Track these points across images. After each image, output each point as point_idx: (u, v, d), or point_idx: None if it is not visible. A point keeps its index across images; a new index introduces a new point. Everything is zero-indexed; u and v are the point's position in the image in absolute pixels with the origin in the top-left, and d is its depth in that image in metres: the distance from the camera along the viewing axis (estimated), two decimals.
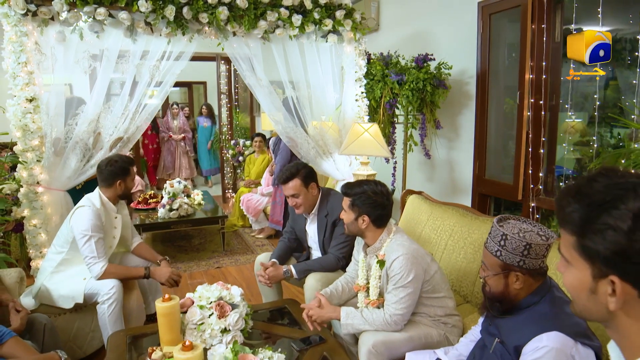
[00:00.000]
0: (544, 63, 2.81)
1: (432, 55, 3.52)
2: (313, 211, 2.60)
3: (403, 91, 3.48)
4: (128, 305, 2.55)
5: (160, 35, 2.97)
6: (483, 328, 1.55)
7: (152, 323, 2.20)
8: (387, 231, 2.01)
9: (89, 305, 2.43)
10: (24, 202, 2.81)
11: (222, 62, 6.54)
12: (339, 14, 3.36)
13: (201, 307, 1.92)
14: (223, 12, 2.95)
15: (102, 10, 2.71)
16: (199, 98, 10.48)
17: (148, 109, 3.21)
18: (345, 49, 3.61)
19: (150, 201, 4.76)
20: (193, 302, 1.96)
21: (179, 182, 4.55)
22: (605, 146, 2.82)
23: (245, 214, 5.21)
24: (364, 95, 3.65)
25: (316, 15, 3.27)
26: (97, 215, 2.41)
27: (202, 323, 1.89)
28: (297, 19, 3.21)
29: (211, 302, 1.93)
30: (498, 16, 3.20)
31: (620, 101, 2.67)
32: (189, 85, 10.32)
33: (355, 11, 3.48)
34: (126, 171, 2.54)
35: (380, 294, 1.99)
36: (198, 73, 8.64)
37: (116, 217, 2.60)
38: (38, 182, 2.82)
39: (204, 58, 6.05)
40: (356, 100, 3.64)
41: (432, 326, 1.94)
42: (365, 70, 3.63)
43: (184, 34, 3.00)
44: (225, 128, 6.90)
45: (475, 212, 2.52)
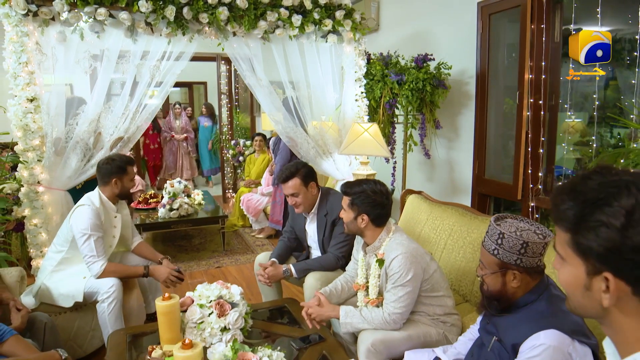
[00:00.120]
0: (544, 63, 2.82)
1: (432, 55, 3.52)
2: (313, 210, 2.61)
3: (403, 91, 3.48)
4: (128, 304, 2.55)
5: (160, 35, 2.98)
6: (481, 326, 1.56)
7: (153, 322, 2.21)
8: (387, 230, 2.02)
9: (89, 304, 2.44)
10: (25, 202, 2.82)
11: (223, 62, 6.55)
12: (339, 14, 3.36)
13: (201, 306, 1.92)
14: (223, 13, 2.96)
15: (103, 10, 2.72)
16: (200, 98, 10.50)
17: (148, 109, 3.22)
18: (345, 49, 3.61)
19: (150, 201, 4.77)
20: (193, 301, 1.97)
21: (179, 182, 4.56)
22: (605, 146, 2.82)
23: (245, 214, 5.22)
24: (364, 95, 3.66)
25: (316, 15, 3.28)
26: (97, 214, 2.41)
27: (202, 322, 1.90)
28: (297, 19, 3.21)
29: (211, 301, 1.94)
30: (498, 16, 3.21)
31: (620, 101, 2.67)
32: (190, 85, 10.34)
33: (355, 11, 3.48)
34: (123, 170, 2.53)
35: (379, 293, 2.00)
36: (198, 73, 8.65)
37: (116, 217, 2.61)
38: (39, 182, 2.83)
39: (205, 58, 6.07)
40: (356, 100, 3.64)
41: (431, 325, 1.94)
42: (365, 70, 3.63)
43: (184, 34, 3.01)
44: (225, 128, 6.91)
45: (474, 212, 2.52)
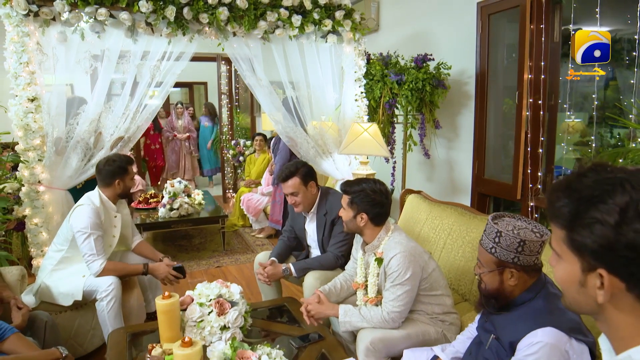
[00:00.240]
0: (543, 63, 2.82)
1: (432, 55, 3.53)
2: (312, 210, 2.62)
3: (402, 91, 3.49)
4: (128, 303, 2.56)
5: (160, 35, 2.99)
6: (479, 325, 1.57)
7: (153, 321, 2.22)
8: (386, 229, 2.02)
9: (89, 303, 2.45)
10: (26, 201, 2.83)
11: (223, 63, 6.56)
12: (339, 15, 3.37)
13: (201, 305, 1.93)
14: (223, 13, 2.97)
15: (103, 10, 2.73)
16: (200, 98, 10.52)
17: (149, 109, 3.23)
18: (344, 49, 3.62)
19: (150, 201, 4.78)
20: (193, 300, 1.97)
21: (180, 182, 4.56)
22: (605, 146, 2.83)
23: (245, 214, 5.23)
24: (364, 95, 3.66)
25: (316, 15, 3.29)
26: (97, 213, 2.42)
27: (202, 320, 1.91)
28: (297, 20, 3.22)
29: (211, 300, 1.94)
30: (497, 16, 3.21)
31: (619, 101, 2.67)
32: (190, 85, 10.36)
33: (354, 12, 3.49)
34: (125, 170, 2.56)
35: (378, 292, 2.00)
36: (199, 73, 8.67)
37: (116, 216, 2.62)
38: (39, 181, 2.84)
39: (205, 58, 6.08)
40: (355, 100, 3.65)
41: (430, 324, 1.95)
42: (364, 70, 3.64)
43: (185, 34, 3.02)
44: (226, 128, 6.92)
45: (473, 211, 2.53)
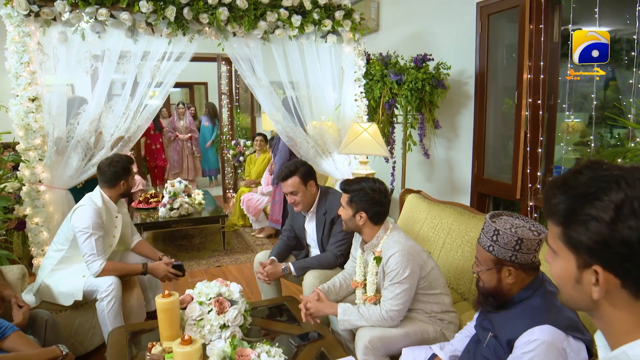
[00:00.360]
0: (542, 63, 2.83)
1: (431, 55, 3.54)
2: (312, 209, 2.63)
3: (402, 91, 3.49)
4: (128, 302, 2.57)
5: (161, 35, 3.00)
6: (477, 323, 1.57)
7: (153, 320, 2.22)
8: (384, 228, 2.03)
9: (89, 302, 2.46)
10: (26, 201, 2.84)
11: (223, 63, 6.57)
12: (338, 15, 3.38)
13: (200, 303, 1.93)
14: (223, 13, 2.98)
15: (104, 10, 2.74)
16: (200, 98, 10.55)
17: (149, 109, 3.24)
18: (344, 50, 3.63)
19: (151, 200, 4.79)
20: (192, 299, 1.98)
21: (180, 182, 4.57)
22: (605, 146, 2.83)
23: (245, 214, 5.24)
24: (363, 95, 3.67)
25: (315, 15, 3.30)
26: (99, 213, 2.44)
27: (202, 319, 1.91)
28: (297, 20, 3.23)
29: (210, 299, 1.95)
30: (496, 16, 3.22)
31: (619, 101, 2.68)
32: (191, 85, 10.37)
33: (354, 12, 3.50)
34: (129, 171, 2.59)
35: (377, 290, 2.01)
36: (199, 74, 8.69)
37: (117, 217, 2.63)
38: (40, 181, 2.85)
39: (205, 59, 6.09)
40: (355, 100, 3.66)
41: (429, 322, 1.96)
42: (364, 70, 3.65)
43: (185, 35, 3.03)
44: (226, 128, 6.93)
45: (472, 211, 2.54)
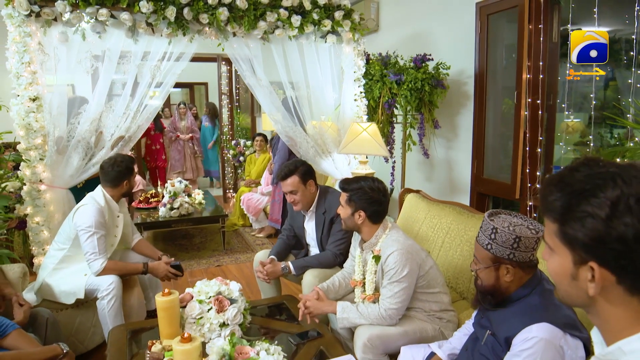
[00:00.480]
0: (541, 63, 2.84)
1: (431, 55, 3.55)
2: (311, 208, 2.63)
3: (401, 91, 3.50)
4: (129, 301, 2.58)
5: (161, 35, 3.01)
6: (475, 321, 1.58)
7: (153, 319, 2.23)
8: (383, 227, 2.04)
9: (90, 300, 2.47)
10: (27, 200, 2.85)
11: (223, 63, 6.58)
12: (338, 15, 3.39)
13: (200, 302, 1.94)
14: (223, 13, 2.99)
15: (104, 11, 2.75)
16: (201, 99, 10.56)
17: (149, 109, 3.25)
18: (344, 50, 3.64)
19: (151, 200, 4.80)
20: (192, 297, 1.99)
21: (180, 182, 4.58)
22: (605, 146, 2.83)
23: (245, 213, 5.25)
24: (363, 95, 3.68)
25: (315, 16, 3.30)
26: (101, 212, 2.45)
27: (201, 317, 1.92)
28: (297, 20, 3.24)
29: (210, 297, 1.95)
30: (496, 17, 3.23)
31: (619, 101, 2.68)
32: (191, 86, 10.38)
33: (354, 12, 3.51)
34: (131, 171, 2.61)
35: (376, 289, 2.02)
36: (199, 74, 8.70)
37: (118, 216, 2.64)
38: (41, 180, 2.86)
39: (206, 59, 6.11)
40: (355, 100, 3.67)
41: (427, 321, 1.96)
42: (364, 70, 3.65)
43: (185, 35, 3.04)
44: (226, 128, 6.94)
45: (471, 210, 2.54)
